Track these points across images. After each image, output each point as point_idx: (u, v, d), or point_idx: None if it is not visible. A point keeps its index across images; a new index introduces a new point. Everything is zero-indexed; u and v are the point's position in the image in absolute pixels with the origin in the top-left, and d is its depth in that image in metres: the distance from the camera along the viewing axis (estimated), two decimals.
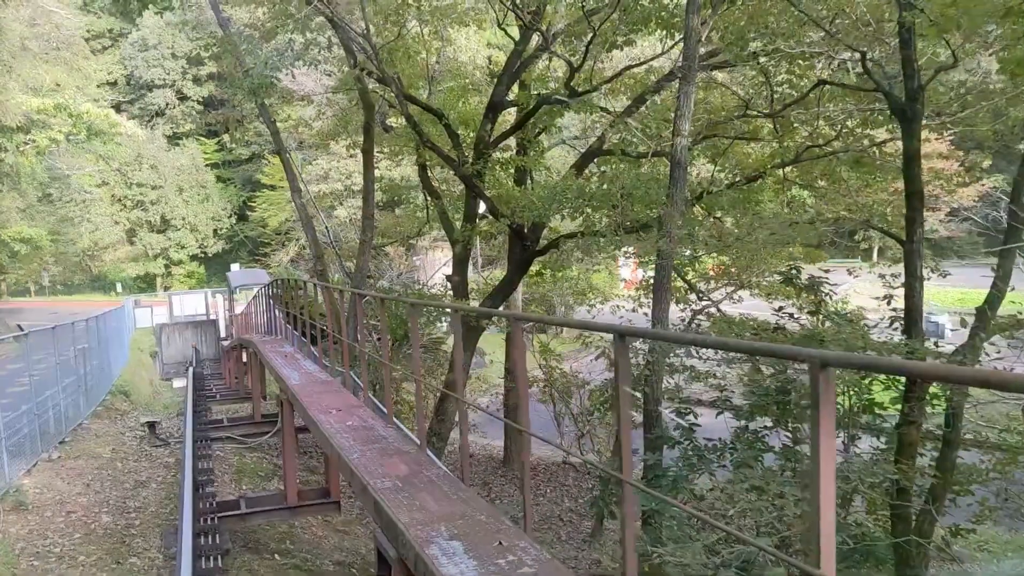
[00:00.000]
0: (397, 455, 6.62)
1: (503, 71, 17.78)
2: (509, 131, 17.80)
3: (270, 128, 19.45)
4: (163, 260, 65.03)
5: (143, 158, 62.44)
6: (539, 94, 17.62)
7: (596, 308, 23.95)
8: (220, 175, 69.54)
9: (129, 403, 22.86)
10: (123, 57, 70.13)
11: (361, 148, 18.89)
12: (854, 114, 13.36)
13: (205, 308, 44.89)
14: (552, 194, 15.07)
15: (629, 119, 16.36)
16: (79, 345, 19.31)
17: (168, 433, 17.88)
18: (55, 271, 65.44)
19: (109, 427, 17.92)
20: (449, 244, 48.05)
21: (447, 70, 22.14)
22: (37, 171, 45.75)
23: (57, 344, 17.00)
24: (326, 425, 7.87)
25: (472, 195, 18.23)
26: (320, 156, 52.62)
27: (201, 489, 12.71)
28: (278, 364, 12.75)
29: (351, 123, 23.00)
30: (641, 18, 15.64)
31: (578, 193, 15.29)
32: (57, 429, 16.13)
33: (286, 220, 57.88)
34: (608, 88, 17.67)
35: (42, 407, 15.75)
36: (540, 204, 15.52)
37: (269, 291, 20.47)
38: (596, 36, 14.26)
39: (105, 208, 62.37)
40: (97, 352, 22.30)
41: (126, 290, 63.99)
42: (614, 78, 16.40)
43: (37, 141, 40.46)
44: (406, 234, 23.59)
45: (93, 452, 14.82)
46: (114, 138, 45.14)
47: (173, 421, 20.91)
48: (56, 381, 16.50)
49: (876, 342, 10.79)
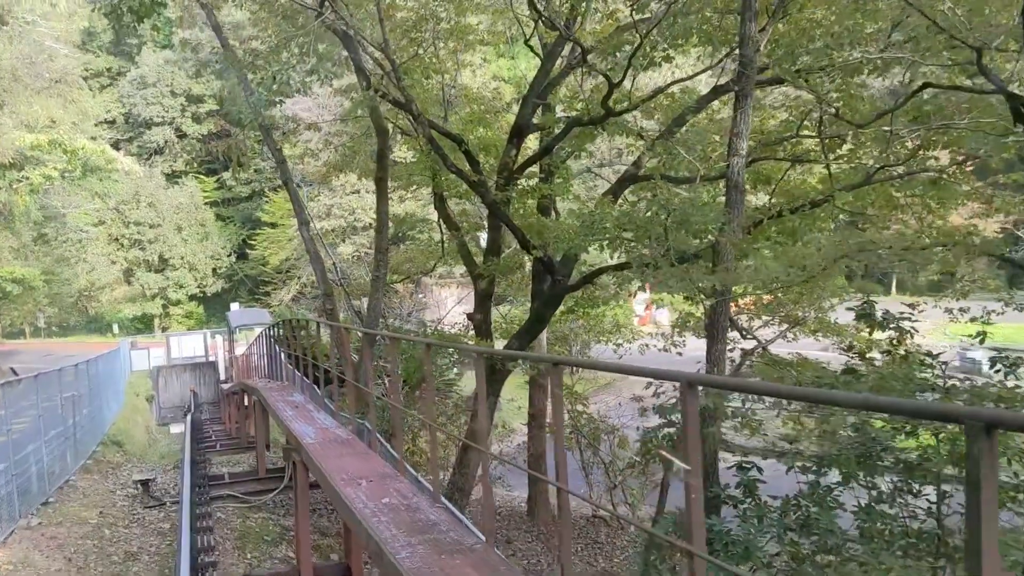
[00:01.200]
0: (459, 553, 5.03)
1: (528, 92, 16.43)
2: (538, 154, 16.38)
3: (276, 156, 18.01)
4: (161, 300, 63.37)
5: (141, 196, 61.10)
6: (568, 116, 16.27)
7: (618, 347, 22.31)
8: (219, 213, 68.21)
9: (122, 454, 21.20)
10: (122, 95, 69.12)
11: (374, 177, 17.47)
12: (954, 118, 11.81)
13: (204, 349, 43.20)
14: (590, 223, 13.59)
15: (670, 141, 14.96)
16: (67, 393, 17.72)
17: (164, 490, 16.23)
18: (51, 312, 63.79)
19: (98, 484, 16.27)
20: (455, 281, 46.82)
21: (462, 95, 20.81)
22: (32, 210, 44.31)
23: (40, 393, 15.43)
24: (357, 503, 6.28)
25: (496, 226, 16.77)
26: (322, 192, 51.38)
27: (201, 558, 11.10)
28: (288, 416, 11.16)
29: (360, 152, 21.64)
30: (683, 31, 14.31)
31: (619, 221, 13.81)
32: (40, 488, 14.51)
33: (287, 259, 56.50)
34: (641, 110, 16.32)
35: (23, 464, 14.12)
36: (575, 234, 14.05)
37: (273, 332, 18.93)
38: (641, 46, 12.85)
39: (102, 247, 60.90)
40: (88, 399, 20.68)
41: (123, 331, 62.32)
42: (658, 93, 15.00)
43: (31, 178, 39.11)
44: (421, 270, 22.06)
45: (78, 516, 13.16)
46: (111, 175, 43.77)
47: (169, 475, 19.24)
48: (40, 434, 14.91)
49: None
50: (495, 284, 17.32)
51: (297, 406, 12.19)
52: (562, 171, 16.99)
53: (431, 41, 16.17)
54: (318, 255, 18.00)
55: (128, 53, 73.52)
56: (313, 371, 13.93)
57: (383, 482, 7.01)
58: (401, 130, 19.57)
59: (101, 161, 39.88)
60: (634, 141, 15.48)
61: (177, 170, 68.47)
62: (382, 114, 17.51)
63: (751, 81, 12.27)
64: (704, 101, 14.97)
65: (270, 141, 17.68)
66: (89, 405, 20.77)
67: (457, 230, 18.20)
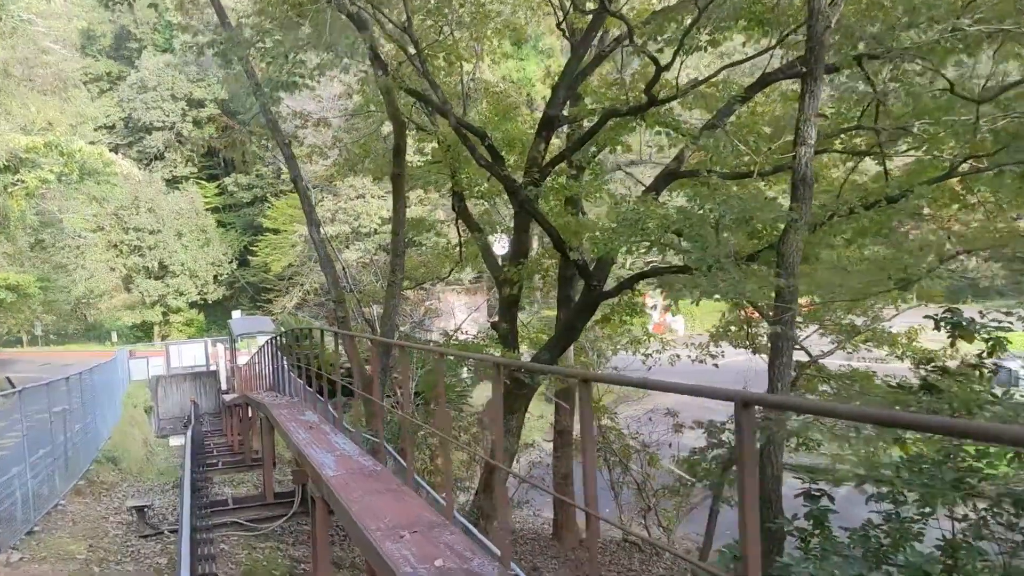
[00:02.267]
0: None
1: (559, 80, 15.09)
2: (574, 145, 14.99)
3: (284, 151, 16.61)
4: (161, 308, 61.88)
5: (140, 201, 59.73)
6: (603, 106, 14.92)
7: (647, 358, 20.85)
8: (220, 219, 66.86)
9: (118, 472, 19.80)
10: (121, 99, 67.81)
11: (391, 174, 16.10)
12: None
13: (205, 358, 41.85)
14: (633, 219, 12.20)
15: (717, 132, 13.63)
16: (57, 408, 16.32)
17: (161, 516, 14.85)
18: (48, 320, 62.37)
19: (90, 508, 14.88)
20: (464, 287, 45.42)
21: (482, 88, 19.50)
22: (27, 215, 42.85)
23: (26, 408, 14.06)
24: (404, 567, 4.91)
25: (523, 227, 15.43)
26: (326, 197, 50.04)
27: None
28: (302, 441, 9.77)
29: (372, 151, 20.32)
30: (732, 11, 12.98)
31: (665, 221, 12.43)
32: (24, 515, 13.13)
33: (289, 265, 55.13)
34: (680, 102, 14.98)
35: (6, 489, 12.75)
36: (615, 235, 12.68)
37: (279, 342, 17.58)
38: (696, 24, 11.52)
39: (100, 254, 59.51)
40: (81, 414, 19.28)
41: (122, 339, 60.90)
42: (708, 79, 13.65)
43: (26, 182, 37.68)
44: (435, 275, 20.68)
45: (65, 550, 11.75)
46: (109, 178, 42.28)
47: (168, 496, 17.86)
48: (25, 455, 13.53)
49: None
50: (521, 290, 15.92)
51: (311, 427, 10.80)
52: (593, 167, 15.62)
53: (452, 25, 14.82)
54: (329, 258, 16.64)
55: (128, 57, 72.35)
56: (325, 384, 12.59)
57: (430, 534, 5.63)
58: (417, 125, 18.27)
59: (99, 164, 38.37)
60: (676, 134, 14.10)
61: (178, 175, 67.20)
62: (399, 107, 16.19)
63: (821, 60, 10.95)
64: (757, 87, 13.60)
65: (278, 134, 16.31)
66: (83, 420, 19.38)
67: (479, 231, 16.84)
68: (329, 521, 8.00)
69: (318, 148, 21.46)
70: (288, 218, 54.77)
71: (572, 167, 16.17)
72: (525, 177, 14.92)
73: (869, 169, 15.72)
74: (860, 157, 13.53)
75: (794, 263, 11.08)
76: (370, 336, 14.96)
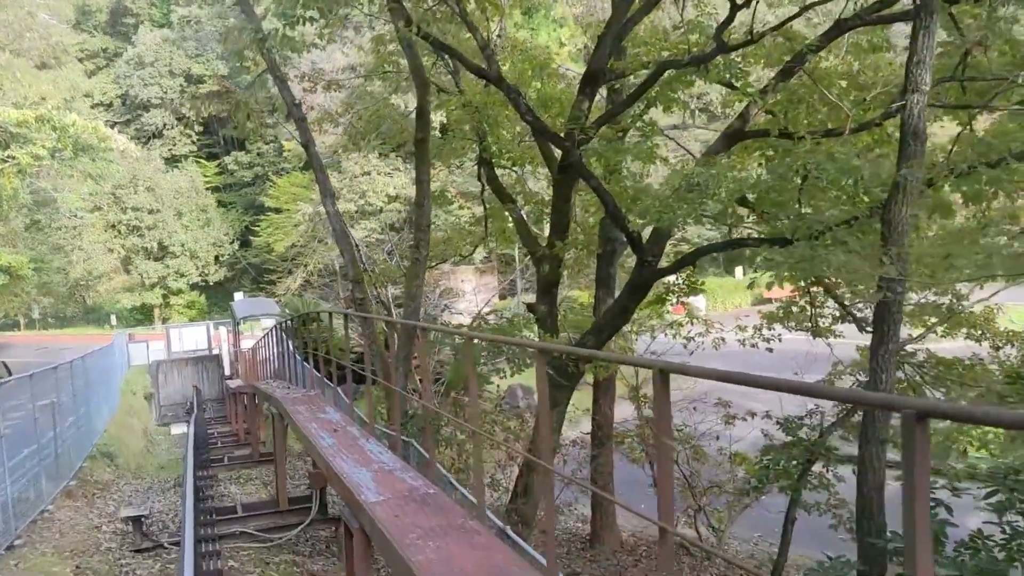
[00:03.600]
0: None
1: (605, 30, 13.25)
2: (627, 100, 13.17)
3: (294, 113, 14.81)
4: (161, 289, 60.09)
5: (139, 180, 57.80)
6: (655, 59, 13.15)
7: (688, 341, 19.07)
8: (221, 199, 64.94)
9: (114, 469, 18.17)
10: (118, 76, 65.76)
11: (414, 139, 14.35)
12: None
13: (207, 342, 40.16)
14: (703, 185, 10.45)
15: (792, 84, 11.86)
16: (43, 401, 14.64)
17: (160, 523, 13.21)
18: (46, 303, 60.73)
19: (81, 515, 13.22)
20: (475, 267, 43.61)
21: (508, 47, 17.73)
22: (21, 193, 41.00)
23: (5, 404, 12.41)
24: None
25: (564, 196, 13.66)
26: (331, 174, 48.16)
27: None
28: (327, 449, 8.07)
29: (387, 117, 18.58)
30: None
31: (736, 186, 10.69)
32: (6, 526, 11.50)
33: (293, 245, 53.30)
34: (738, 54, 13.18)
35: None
36: (676, 204, 10.95)
37: (290, 326, 15.89)
38: None
39: (98, 234, 57.68)
40: (73, 406, 17.61)
41: (121, 322, 59.27)
42: (793, 19, 11.83)
43: (18, 158, 35.83)
44: (456, 253, 18.98)
45: (47, 572, 10.09)
46: (105, 154, 40.34)
47: (168, 496, 16.22)
48: (3, 458, 11.88)
49: None
50: (561, 268, 14.19)
51: (336, 429, 9.09)
52: (643, 127, 13.80)
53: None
54: (345, 233, 14.91)
55: (124, 33, 70.30)
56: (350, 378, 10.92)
57: None
58: (438, 87, 16.51)
59: (94, 139, 36.51)
60: (741, 89, 12.30)
61: (177, 154, 65.29)
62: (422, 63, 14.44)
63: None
64: (835, 32, 11.70)
65: (286, 92, 14.51)
66: (75, 412, 17.72)
67: (512, 202, 15.09)
68: (370, 557, 6.31)
69: (328, 115, 19.66)
70: (291, 196, 52.90)
71: (617, 130, 14.40)
72: (566, 140, 13.16)
73: (937, 133, 13.97)
74: (975, 110, 11.63)
75: (903, 232, 9.38)
76: (406, 321, 13.22)
